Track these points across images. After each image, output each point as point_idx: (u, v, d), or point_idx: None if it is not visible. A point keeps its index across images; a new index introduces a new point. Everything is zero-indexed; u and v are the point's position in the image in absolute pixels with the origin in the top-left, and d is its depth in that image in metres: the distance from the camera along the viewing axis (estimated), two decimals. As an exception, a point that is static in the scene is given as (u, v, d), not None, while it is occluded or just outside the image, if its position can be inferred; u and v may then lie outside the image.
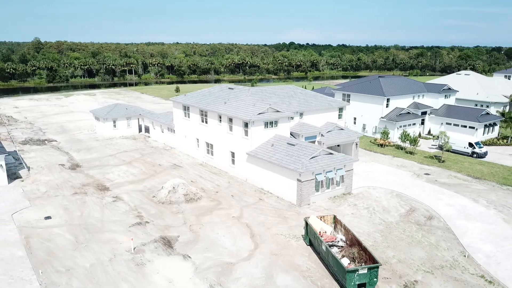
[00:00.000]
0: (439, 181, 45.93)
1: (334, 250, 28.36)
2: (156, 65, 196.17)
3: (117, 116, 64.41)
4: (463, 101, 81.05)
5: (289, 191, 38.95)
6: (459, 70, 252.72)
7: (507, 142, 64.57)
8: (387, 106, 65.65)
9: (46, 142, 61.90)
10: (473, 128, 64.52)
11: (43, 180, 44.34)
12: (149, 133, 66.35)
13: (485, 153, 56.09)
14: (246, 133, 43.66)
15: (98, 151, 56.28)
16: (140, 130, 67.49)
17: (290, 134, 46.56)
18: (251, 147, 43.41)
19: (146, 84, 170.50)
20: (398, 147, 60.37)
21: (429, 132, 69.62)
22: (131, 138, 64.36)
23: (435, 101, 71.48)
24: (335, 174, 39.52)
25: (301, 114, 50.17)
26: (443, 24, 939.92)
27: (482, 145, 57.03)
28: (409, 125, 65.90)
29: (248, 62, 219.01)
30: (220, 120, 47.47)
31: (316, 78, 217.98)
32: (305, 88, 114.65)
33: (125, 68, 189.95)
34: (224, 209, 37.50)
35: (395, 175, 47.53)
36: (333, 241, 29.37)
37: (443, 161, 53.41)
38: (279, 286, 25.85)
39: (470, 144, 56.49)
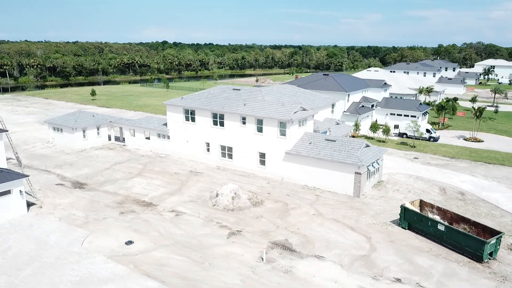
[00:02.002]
0: (431, 163, 53.51)
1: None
2: (35, 66, 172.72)
3: (86, 125, 57.12)
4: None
5: (344, 184, 41.26)
6: (329, 68, 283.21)
7: (438, 126, 77.17)
8: (347, 101, 72.10)
9: (1, 161, 51.49)
10: (415, 116, 75.36)
11: (63, 204, 37.94)
12: (122, 141, 60.53)
13: (438, 137, 66.59)
14: (283, 132, 44.27)
15: (86, 166, 49.57)
16: (109, 139, 60.95)
17: (311, 131, 48.60)
18: (289, 146, 44.25)
19: (23, 88, 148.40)
20: (367, 137, 67.18)
21: (375, 122, 78.52)
22: (105, 148, 57.85)
23: (377, 95, 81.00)
24: (378, 164, 43.29)
25: (310, 112, 52.52)
26: (287, 25, 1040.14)
27: (435, 131, 67.48)
28: (366, 117, 73.61)
29: (138, 62, 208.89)
30: (244, 121, 46.85)
31: (206, 77, 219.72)
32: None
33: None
34: (296, 208, 37.96)
35: (394, 161, 53.51)
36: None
37: (414, 146, 61.77)
38: (425, 266, 28.41)
39: (427, 130, 66.33)
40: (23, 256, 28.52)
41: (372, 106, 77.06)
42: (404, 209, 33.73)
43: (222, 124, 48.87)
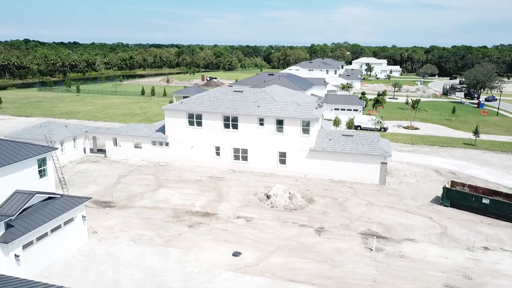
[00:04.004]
0: (403, 150, 61.15)
1: (482, 202, 38.11)
2: None
3: (64, 137, 50.17)
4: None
5: (369, 174, 45.17)
6: (219, 67, 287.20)
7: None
8: (305, 99, 76.54)
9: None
10: (357, 110, 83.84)
11: (116, 226, 33.91)
12: (97, 152, 54.75)
13: (387, 128, 75.57)
14: (306, 131, 46.13)
15: (88, 183, 44.08)
16: (84, 151, 54.40)
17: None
18: (312, 143, 46.39)
19: None
20: (330, 131, 72.63)
21: (337, 117, 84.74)
22: (87, 161, 51.65)
23: (320, 92, 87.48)
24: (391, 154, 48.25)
25: (307, 110, 55.13)
26: (150, 23, 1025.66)
27: (383, 122, 76.31)
28: (320, 113, 79.15)
29: (15, 63, 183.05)
30: (261, 123, 47.30)
31: (94, 79, 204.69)
32: (154, 92, 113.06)
33: None
34: (346, 201, 40.46)
35: (375, 151, 59.65)
36: (473, 197, 38.97)
37: (375, 137, 69.21)
38: (492, 234, 33.87)
39: (378, 121, 74.67)
40: (146, 286, 25.42)
41: (321, 102, 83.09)
42: (446, 190, 39.05)
43: (235, 127, 48.37)
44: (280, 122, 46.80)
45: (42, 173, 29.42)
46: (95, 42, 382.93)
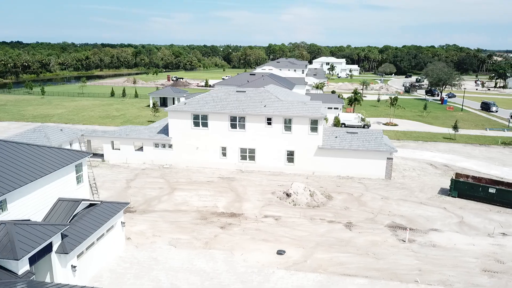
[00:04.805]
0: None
1: (487, 192, 40.81)
2: None
3: (61, 141, 47.66)
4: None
5: (375, 169, 46.92)
6: (179, 67, 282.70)
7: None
8: (290, 98, 77.70)
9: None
10: (337, 108, 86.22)
11: (147, 231, 33.04)
12: (98, 156, 52.68)
13: (370, 125, 78.37)
14: (314, 129, 47.09)
15: (97, 188, 42.42)
16: (79, 156, 52.03)
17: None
18: (320, 141, 47.43)
19: None
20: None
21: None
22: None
23: (301, 91, 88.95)
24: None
25: (306, 109, 56.09)
26: (92, 22, 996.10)
27: (368, 119, 79.03)
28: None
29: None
30: (269, 122, 47.70)
31: (49, 80, 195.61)
32: (125, 93, 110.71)
33: None
34: (362, 196, 41.79)
35: (367, 147, 61.84)
36: (478, 187, 41.63)
37: (361, 134, 71.64)
38: (503, 221, 36.46)
39: (362, 119, 77.30)
40: (206, 289, 25.14)
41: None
42: (454, 181, 41.45)
43: (242, 127, 48.40)
44: (288, 121, 47.42)
45: (79, 180, 28.19)
46: (39, 41, 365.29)
